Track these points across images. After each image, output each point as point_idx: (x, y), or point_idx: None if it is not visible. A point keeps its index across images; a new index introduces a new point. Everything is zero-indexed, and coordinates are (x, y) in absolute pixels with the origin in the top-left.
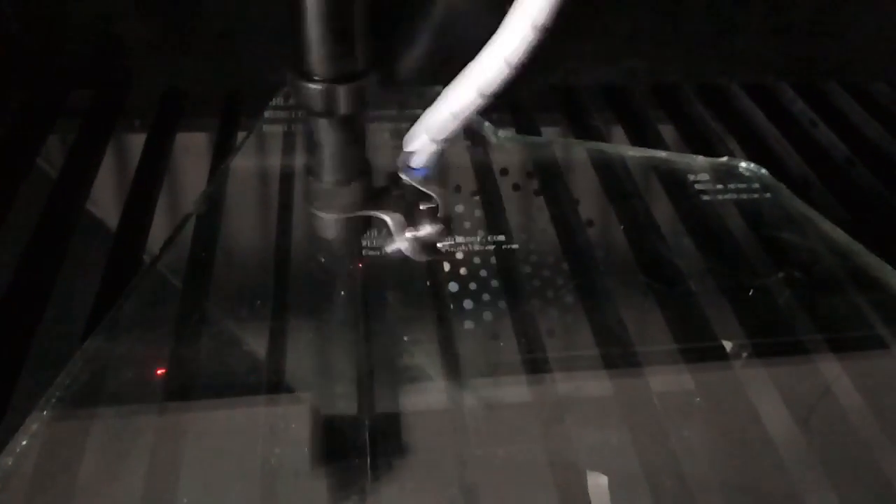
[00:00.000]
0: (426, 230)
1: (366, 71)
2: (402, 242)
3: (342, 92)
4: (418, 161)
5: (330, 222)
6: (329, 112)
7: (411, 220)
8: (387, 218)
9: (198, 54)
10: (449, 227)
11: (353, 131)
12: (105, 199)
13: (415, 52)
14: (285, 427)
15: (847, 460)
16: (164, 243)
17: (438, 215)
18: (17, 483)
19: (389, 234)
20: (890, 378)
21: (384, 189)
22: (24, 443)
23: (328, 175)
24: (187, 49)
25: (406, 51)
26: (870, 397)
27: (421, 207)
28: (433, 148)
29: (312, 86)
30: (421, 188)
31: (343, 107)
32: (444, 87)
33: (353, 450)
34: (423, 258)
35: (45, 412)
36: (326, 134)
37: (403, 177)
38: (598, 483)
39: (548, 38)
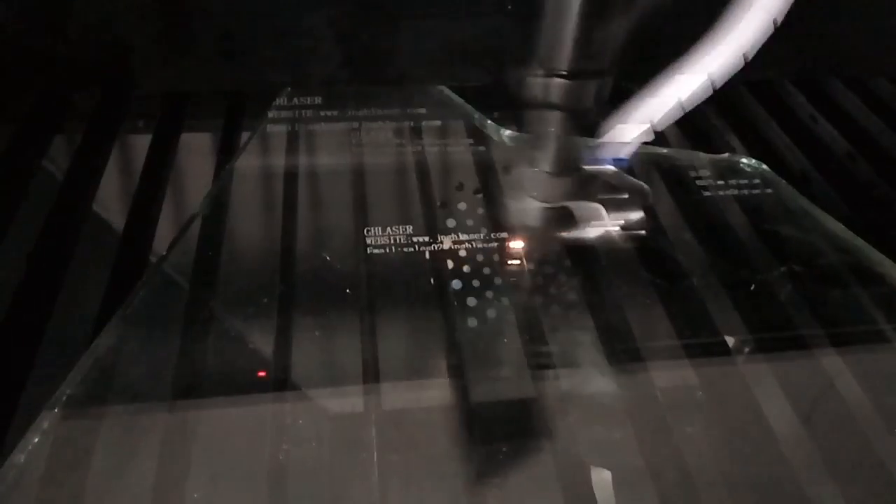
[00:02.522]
0: (634, 218)
1: (609, 69)
2: (610, 229)
3: (590, 88)
4: (627, 151)
5: (541, 210)
6: (574, 106)
7: (615, 209)
8: (598, 206)
9: (202, 55)
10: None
11: (590, 125)
12: (111, 200)
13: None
14: (293, 424)
15: (850, 455)
16: (170, 243)
17: (646, 204)
18: (29, 480)
19: (595, 222)
20: (892, 372)
21: (592, 179)
22: (36, 440)
23: (553, 166)
24: (191, 49)
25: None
26: (872, 392)
27: (630, 197)
28: (649, 137)
29: (561, 81)
30: (629, 178)
31: (588, 102)
32: (446, 86)
33: (360, 446)
34: (628, 244)
35: (55, 410)
36: (561, 127)
37: (605, 168)
38: (602, 478)
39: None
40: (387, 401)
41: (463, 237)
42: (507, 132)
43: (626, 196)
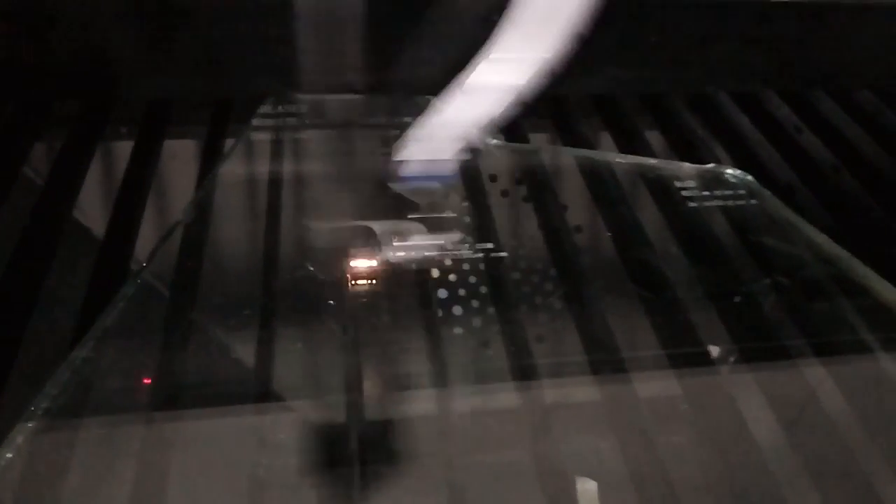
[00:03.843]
0: (451, 237)
1: (408, 84)
2: (428, 248)
3: (388, 103)
4: (447, 168)
5: (344, 229)
6: (372, 123)
7: (430, 228)
8: (408, 225)
9: (186, 62)
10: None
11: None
12: (92, 207)
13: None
14: (273, 436)
15: (832, 465)
16: (151, 251)
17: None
18: (2, 496)
19: (402, 241)
20: (874, 383)
21: (401, 197)
22: (10, 455)
23: (361, 183)
24: (175, 56)
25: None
26: (854, 402)
27: (443, 215)
28: (468, 154)
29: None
30: (446, 195)
31: (391, 117)
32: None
33: (342, 458)
34: (437, 265)
35: (30, 424)
36: (369, 143)
37: (420, 185)
38: (586, 489)
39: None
40: (369, 412)
41: (448, 247)
42: (493, 141)
43: (442, 214)
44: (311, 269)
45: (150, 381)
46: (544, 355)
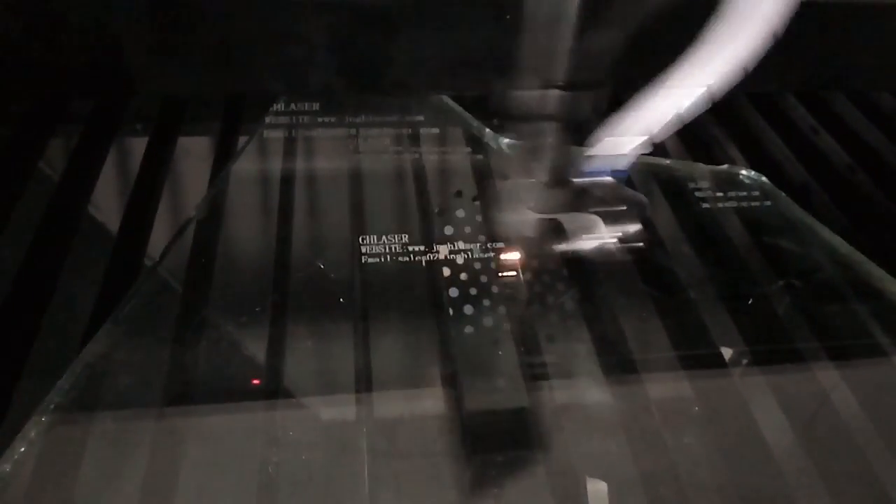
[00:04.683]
0: (631, 230)
1: (606, 80)
2: (606, 241)
3: (587, 99)
4: (625, 163)
5: (537, 221)
6: (570, 118)
7: (611, 221)
8: (593, 218)
9: (199, 59)
10: (649, 227)
11: (586, 136)
12: (106, 203)
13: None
14: (284, 433)
15: (846, 470)
16: (164, 248)
17: (644, 216)
18: (15, 490)
19: (591, 233)
20: (890, 387)
21: (587, 190)
22: (23, 449)
23: (549, 177)
24: (189, 54)
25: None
26: (869, 407)
27: (627, 209)
28: (647, 149)
29: (557, 92)
30: (626, 190)
31: (584, 113)
32: (447, 94)
33: (352, 456)
34: (624, 258)
35: (43, 418)
36: (558, 138)
37: (601, 179)
38: (596, 490)
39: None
40: (379, 410)
41: (459, 246)
42: (506, 140)
43: (623, 208)
44: (323, 266)
45: (161, 376)
46: (554, 356)
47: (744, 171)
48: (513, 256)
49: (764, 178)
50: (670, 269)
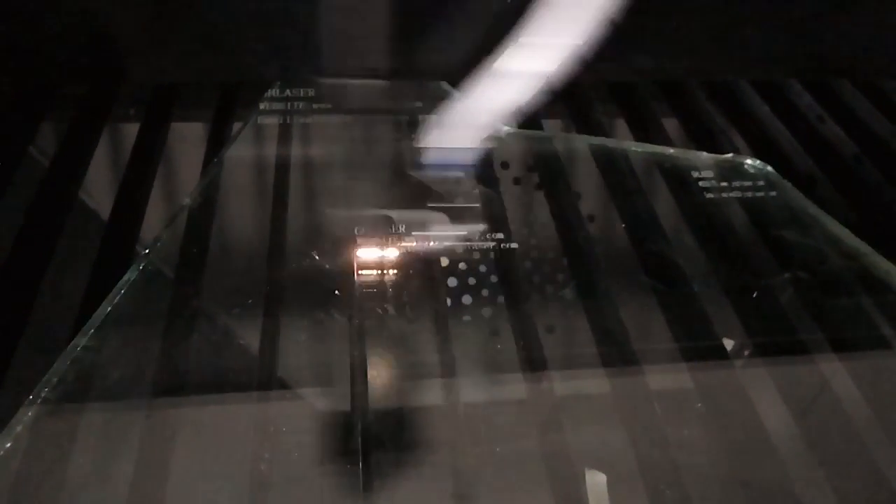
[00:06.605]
0: (473, 228)
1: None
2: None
3: (413, 89)
4: (464, 157)
5: (366, 218)
6: (400, 109)
7: (452, 218)
8: (428, 215)
9: (192, 44)
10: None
11: (419, 128)
12: (98, 190)
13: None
14: (276, 425)
15: (849, 462)
16: (157, 235)
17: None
18: (3, 482)
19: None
20: (895, 380)
21: (424, 185)
22: (9, 444)
23: (384, 171)
24: (182, 38)
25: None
26: (874, 399)
27: (468, 205)
28: (490, 142)
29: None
30: (471, 183)
31: (414, 104)
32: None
33: (346, 448)
34: (466, 256)
35: (31, 411)
36: (391, 130)
37: (443, 174)
38: (595, 482)
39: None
40: (375, 401)
41: (458, 236)
42: (505, 128)
43: (463, 204)
44: (317, 257)
45: (152, 367)
46: (554, 347)
47: (748, 161)
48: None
49: (769, 168)
50: (673, 260)
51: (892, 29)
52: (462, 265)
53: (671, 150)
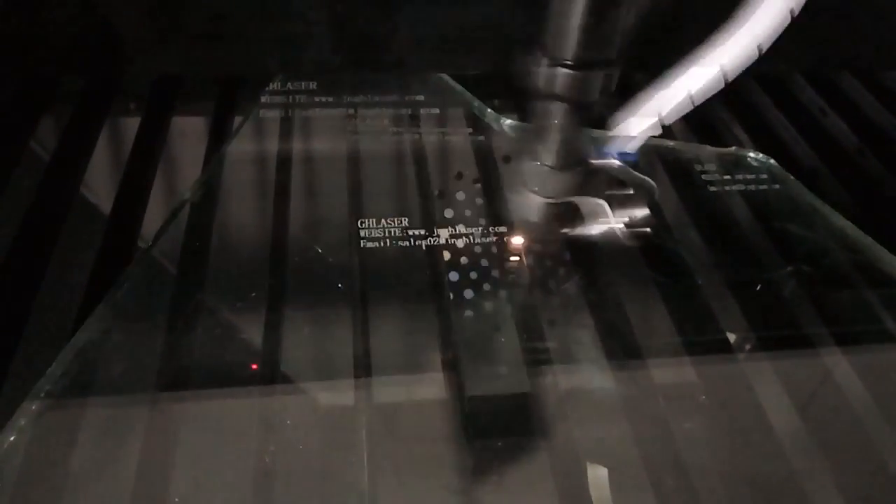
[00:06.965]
0: (639, 215)
1: (617, 60)
2: (614, 226)
3: (596, 79)
4: (634, 146)
5: (543, 205)
6: (579, 98)
7: (619, 205)
8: (601, 203)
9: (194, 37)
10: (656, 212)
11: (595, 118)
12: (99, 184)
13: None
14: (280, 419)
15: (853, 456)
16: (158, 230)
17: (652, 200)
18: (6, 478)
19: (598, 218)
20: None
21: (596, 173)
22: (12, 438)
23: (556, 160)
24: (183, 32)
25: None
26: (878, 392)
27: (636, 193)
28: (657, 131)
29: (567, 71)
30: (635, 174)
31: (594, 93)
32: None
33: (350, 441)
34: (632, 243)
35: (34, 406)
36: (566, 119)
37: (610, 162)
38: (598, 476)
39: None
40: (378, 395)
41: (460, 229)
42: (508, 121)
43: (632, 192)
44: (320, 249)
45: (155, 362)
46: (557, 340)
47: (751, 154)
48: (517, 241)
49: (772, 161)
50: (676, 254)
51: (892, 21)
52: (463, 259)
53: (674, 144)
